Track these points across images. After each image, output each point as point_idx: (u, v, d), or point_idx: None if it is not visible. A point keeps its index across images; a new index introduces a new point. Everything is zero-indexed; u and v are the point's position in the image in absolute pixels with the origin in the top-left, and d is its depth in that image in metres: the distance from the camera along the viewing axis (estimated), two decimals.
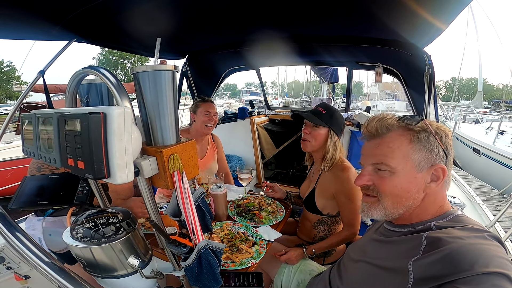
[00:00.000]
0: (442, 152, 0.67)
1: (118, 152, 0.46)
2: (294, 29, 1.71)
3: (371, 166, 0.73)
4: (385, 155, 0.69)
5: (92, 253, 0.64)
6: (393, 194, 0.69)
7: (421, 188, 0.68)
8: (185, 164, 0.66)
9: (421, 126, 0.68)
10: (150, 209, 0.69)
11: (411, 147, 0.67)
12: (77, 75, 0.64)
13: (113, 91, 0.55)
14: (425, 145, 0.67)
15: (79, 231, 0.67)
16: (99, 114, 0.45)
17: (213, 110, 1.87)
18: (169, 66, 0.60)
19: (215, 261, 0.75)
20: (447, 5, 1.13)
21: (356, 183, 0.76)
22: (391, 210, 0.70)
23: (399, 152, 0.68)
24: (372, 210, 0.73)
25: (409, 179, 0.67)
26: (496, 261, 0.52)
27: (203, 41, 2.06)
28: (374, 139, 0.73)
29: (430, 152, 0.67)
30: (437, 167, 0.66)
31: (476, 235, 0.59)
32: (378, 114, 0.76)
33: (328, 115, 1.35)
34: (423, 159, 0.67)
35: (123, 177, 0.49)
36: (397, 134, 0.69)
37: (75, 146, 0.50)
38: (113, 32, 1.51)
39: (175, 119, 0.65)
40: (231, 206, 1.49)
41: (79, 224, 0.69)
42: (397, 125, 0.70)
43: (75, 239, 0.65)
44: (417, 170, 0.67)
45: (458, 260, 0.54)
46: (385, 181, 0.69)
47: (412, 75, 1.99)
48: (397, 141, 0.68)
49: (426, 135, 0.67)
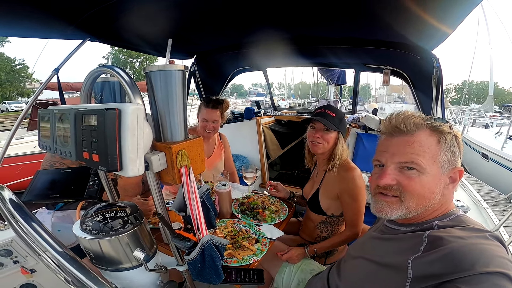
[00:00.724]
0: (459, 154, 0.69)
1: (131, 146, 0.49)
2: (301, 30, 1.72)
3: (395, 165, 0.69)
4: (417, 154, 0.66)
5: (100, 245, 0.67)
6: (420, 195, 0.67)
7: (442, 189, 0.68)
8: (192, 160, 0.68)
9: (447, 128, 0.69)
10: (158, 202, 0.72)
11: (439, 148, 0.67)
12: (93, 73, 0.68)
13: (127, 89, 0.58)
14: (450, 147, 0.68)
15: (89, 223, 0.70)
16: (115, 110, 0.48)
17: (212, 117, 1.80)
18: (179, 66, 0.63)
19: (217, 256, 0.77)
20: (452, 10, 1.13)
21: (380, 183, 0.71)
22: (411, 211, 0.68)
23: (429, 152, 0.67)
24: (391, 210, 0.70)
25: (435, 180, 0.67)
26: (497, 261, 0.52)
27: (211, 42, 2.09)
28: (402, 136, 0.69)
29: (453, 154, 0.68)
30: (456, 170, 0.68)
31: (477, 235, 0.59)
32: (401, 111, 0.74)
33: (338, 118, 1.36)
34: (448, 161, 0.68)
35: (135, 170, 0.52)
36: (426, 133, 0.68)
37: (91, 140, 0.53)
38: (125, 32, 1.55)
39: (183, 116, 0.68)
40: (235, 204, 1.51)
41: (89, 217, 0.73)
42: (425, 124, 0.69)
43: (84, 231, 0.68)
44: (441, 172, 0.67)
45: (458, 259, 0.54)
46: (414, 181, 0.67)
47: (419, 77, 1.98)
48: (428, 141, 0.68)
49: (451, 137, 0.69)
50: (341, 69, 6.88)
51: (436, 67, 1.66)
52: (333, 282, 0.90)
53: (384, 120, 0.76)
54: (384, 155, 0.72)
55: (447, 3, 1.09)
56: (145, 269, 0.71)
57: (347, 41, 1.84)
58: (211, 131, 1.85)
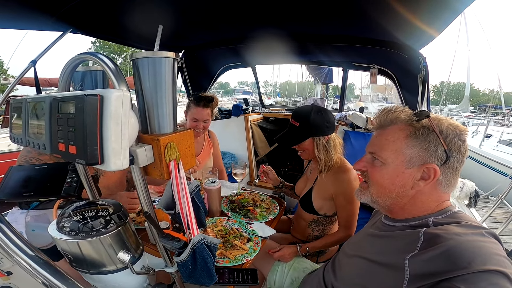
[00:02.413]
0: (443, 152, 0.64)
1: (114, 135, 0.44)
2: (292, 27, 1.70)
3: (369, 155, 0.75)
4: (380, 146, 0.71)
5: (80, 247, 0.61)
6: (378, 184, 0.72)
7: (408, 183, 0.67)
8: (182, 154, 0.64)
9: (424, 123, 0.66)
10: (144, 200, 0.67)
11: (405, 142, 0.67)
12: (74, 60, 0.62)
13: (111, 76, 0.53)
14: (421, 142, 0.65)
15: (66, 224, 0.64)
16: (96, 96, 0.43)
17: (203, 117, 1.72)
18: (169, 53, 0.59)
19: (210, 257, 0.73)
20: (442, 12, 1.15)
21: (354, 166, 0.80)
22: (376, 198, 0.73)
23: (393, 145, 0.68)
24: (361, 194, 0.77)
25: (396, 173, 0.68)
26: (494, 259, 0.51)
27: (200, 36, 2.03)
28: (378, 130, 0.75)
29: (425, 150, 0.65)
30: (428, 166, 0.65)
31: (474, 232, 0.58)
32: (390, 106, 0.76)
33: (303, 125, 1.26)
34: (416, 155, 0.66)
35: (118, 164, 0.47)
36: (398, 128, 0.69)
37: (68, 129, 0.47)
38: (110, 23, 1.47)
39: (173, 107, 0.63)
40: (224, 202, 1.47)
41: (66, 216, 0.66)
42: (401, 119, 0.70)
43: (61, 232, 0.62)
44: (406, 166, 0.67)
45: (455, 257, 0.53)
46: (375, 170, 0.72)
47: (406, 76, 2.01)
48: (395, 135, 0.69)
49: (426, 132, 0.65)
50: (329, 67, 6.97)
51: (423, 66, 1.69)
52: (329, 281, 0.88)
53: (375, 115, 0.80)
54: (367, 146, 0.79)
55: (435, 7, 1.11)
56: (131, 272, 0.66)
57: (337, 38, 1.83)
58: (201, 131, 1.77)
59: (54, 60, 5.35)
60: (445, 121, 0.67)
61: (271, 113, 3.30)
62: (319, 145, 1.27)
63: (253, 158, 2.93)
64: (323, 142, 1.28)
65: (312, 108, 1.27)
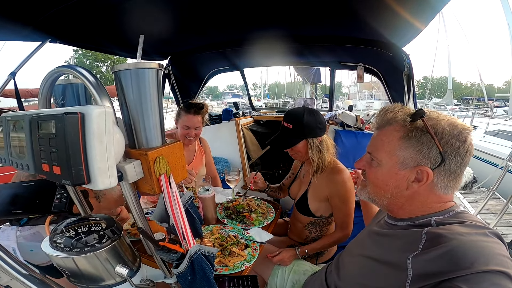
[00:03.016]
0: (437, 154, 0.62)
1: (99, 155, 0.42)
2: (279, 29, 1.70)
3: (368, 154, 0.76)
4: (377, 147, 0.72)
5: (75, 262, 0.59)
6: (374, 183, 0.74)
7: (402, 184, 0.67)
8: (172, 166, 0.62)
9: (419, 123, 0.64)
10: (137, 215, 0.65)
11: (398, 144, 0.66)
12: (51, 74, 0.59)
13: (92, 91, 0.51)
14: (413, 144, 0.64)
15: (59, 240, 0.62)
16: (76, 114, 0.41)
17: (194, 124, 1.68)
18: (153, 63, 0.57)
19: (208, 267, 0.72)
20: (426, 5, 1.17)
21: (355, 165, 0.81)
22: (373, 197, 0.75)
23: (388, 146, 0.68)
24: (361, 192, 0.79)
25: (389, 174, 0.68)
26: (497, 259, 0.51)
27: (186, 42, 2.01)
28: (376, 130, 0.75)
29: (418, 152, 0.63)
30: (421, 169, 0.63)
31: (477, 231, 0.58)
32: (388, 106, 0.74)
33: (296, 127, 1.25)
34: (409, 157, 0.65)
35: (106, 182, 0.45)
36: (393, 128, 0.68)
37: (50, 150, 0.45)
38: (91, 32, 1.43)
39: (160, 120, 0.61)
40: (220, 209, 1.45)
41: (59, 233, 0.65)
42: (397, 119, 0.68)
43: (55, 248, 0.60)
44: (399, 167, 0.66)
45: (458, 257, 0.53)
46: (372, 170, 0.73)
47: (391, 74, 2.05)
48: (390, 136, 0.68)
49: (419, 134, 0.63)
50: (317, 67, 7.04)
51: (407, 63, 1.73)
52: (332, 281, 0.88)
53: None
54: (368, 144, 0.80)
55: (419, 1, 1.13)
56: (131, 285, 0.64)
57: (325, 39, 1.85)
58: (193, 138, 1.73)
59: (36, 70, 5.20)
60: (444, 120, 0.64)
61: (261, 116, 3.30)
62: (312, 146, 1.27)
63: (246, 162, 2.92)
64: (317, 143, 1.28)
65: (304, 110, 1.27)
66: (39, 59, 1.32)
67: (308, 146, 1.28)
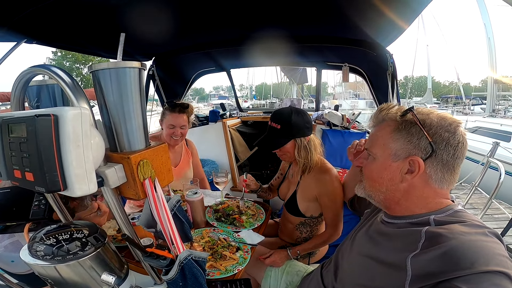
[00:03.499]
0: (427, 144, 0.63)
1: (76, 160, 0.39)
2: (265, 29, 1.69)
3: (365, 151, 0.78)
4: (372, 142, 0.74)
5: (58, 271, 0.56)
6: (369, 178, 0.75)
7: (396, 177, 0.68)
8: (158, 170, 0.60)
9: (407, 117, 0.67)
10: (121, 221, 0.62)
11: (390, 137, 0.68)
12: (24, 75, 0.55)
13: (68, 92, 0.47)
14: (403, 135, 0.66)
15: (39, 248, 0.58)
16: (49, 116, 0.38)
17: (180, 122, 1.66)
18: (134, 63, 0.54)
19: (200, 272, 0.69)
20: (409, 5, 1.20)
21: (354, 163, 0.84)
22: (369, 192, 0.76)
23: (381, 140, 0.71)
24: (358, 188, 0.80)
25: (383, 166, 0.70)
26: (497, 259, 0.50)
27: (171, 42, 1.96)
28: (372, 128, 0.78)
29: (408, 142, 0.66)
30: (412, 159, 0.64)
31: (477, 231, 0.57)
32: (384, 104, 0.76)
33: (284, 127, 1.24)
34: (400, 148, 0.67)
35: (84, 189, 0.42)
36: (386, 124, 0.72)
37: (21, 155, 0.42)
38: (69, 32, 1.37)
39: (143, 121, 0.58)
40: (209, 212, 1.42)
41: (38, 241, 0.60)
42: (389, 115, 0.72)
43: (35, 257, 0.56)
44: (392, 159, 0.68)
45: (457, 257, 0.52)
46: (367, 165, 0.75)
47: (376, 73, 2.09)
48: (383, 130, 0.71)
49: (408, 125, 0.66)
50: (303, 67, 7.11)
51: (391, 63, 1.76)
52: (329, 282, 0.87)
53: None
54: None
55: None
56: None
57: (311, 39, 1.86)
58: (179, 138, 1.70)
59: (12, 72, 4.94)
60: (434, 114, 0.67)
61: (249, 117, 3.29)
62: (300, 146, 1.26)
63: (234, 164, 2.89)
64: (305, 143, 1.27)
65: (291, 110, 1.26)
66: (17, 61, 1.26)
67: (295, 146, 1.27)
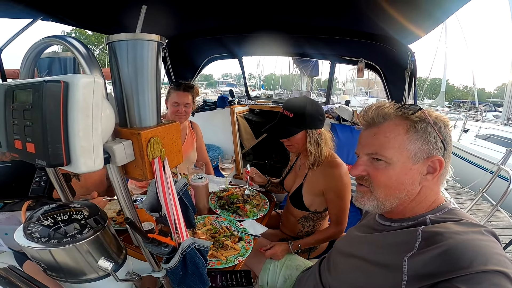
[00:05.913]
0: (440, 143, 0.64)
1: (83, 131, 0.36)
2: (281, 18, 1.63)
3: (366, 156, 0.70)
4: (382, 145, 0.66)
5: (53, 255, 0.53)
6: (387, 186, 0.66)
7: (416, 180, 0.65)
8: (168, 150, 0.56)
9: (419, 115, 0.64)
10: (124, 203, 0.59)
11: (407, 137, 0.64)
12: (38, 45, 0.51)
13: (82, 63, 0.44)
14: (422, 135, 0.63)
15: (35, 229, 0.56)
16: (59, 82, 0.34)
17: (184, 100, 1.67)
18: (154, 36, 0.50)
19: (201, 261, 0.67)
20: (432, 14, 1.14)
21: (351, 173, 0.73)
22: (383, 202, 0.68)
23: (395, 142, 0.64)
24: (365, 200, 0.71)
25: (404, 171, 0.64)
26: (495, 259, 0.50)
27: (184, 26, 1.91)
28: (371, 128, 0.70)
29: (427, 142, 0.63)
30: (434, 159, 0.63)
31: (473, 230, 0.57)
32: (375, 103, 0.73)
33: (297, 116, 1.20)
34: (420, 150, 0.63)
35: (89, 164, 0.39)
36: (393, 123, 0.66)
37: (24, 123, 0.38)
38: (86, 9, 1.33)
39: (156, 97, 0.55)
40: (212, 199, 1.40)
41: (35, 221, 0.58)
42: (394, 114, 0.67)
43: (29, 239, 0.53)
44: (412, 162, 0.64)
45: (455, 257, 0.51)
46: (380, 173, 0.66)
47: (393, 70, 2.01)
48: (394, 131, 0.65)
49: (424, 125, 0.64)
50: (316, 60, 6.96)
51: (411, 61, 1.69)
52: (326, 281, 0.85)
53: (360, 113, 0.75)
54: (358, 147, 0.74)
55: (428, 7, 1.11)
56: (115, 280, 0.59)
57: (327, 31, 1.79)
58: (183, 116, 1.71)
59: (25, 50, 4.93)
60: (432, 113, 0.67)
61: (257, 105, 3.24)
62: (311, 138, 1.22)
63: (239, 151, 2.87)
64: (315, 135, 1.23)
65: (307, 100, 1.22)
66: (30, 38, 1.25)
67: (307, 137, 1.23)
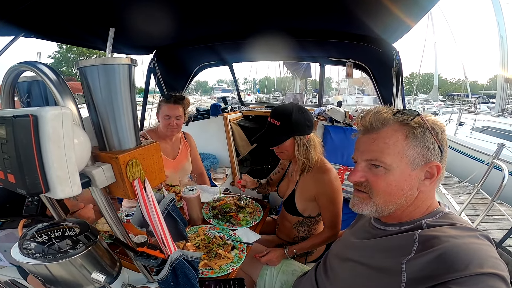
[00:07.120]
0: (438, 148, 0.64)
1: (57, 161, 0.38)
2: (268, 23, 1.65)
3: (364, 162, 0.69)
4: (381, 152, 0.65)
5: (49, 269, 0.56)
6: (386, 192, 0.66)
7: (415, 185, 0.65)
8: (148, 170, 0.58)
9: (417, 121, 0.65)
10: (111, 221, 0.61)
11: (406, 143, 0.64)
12: (12, 71, 0.54)
13: (52, 90, 0.46)
14: (420, 141, 0.63)
15: (30, 246, 0.58)
16: (27, 117, 0.36)
17: (175, 113, 1.68)
18: (124, 59, 0.52)
19: (192, 272, 0.69)
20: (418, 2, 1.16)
21: (349, 179, 0.72)
22: (382, 207, 0.68)
23: (395, 148, 0.64)
24: (363, 206, 0.71)
25: (403, 177, 0.64)
26: (491, 262, 0.51)
27: (172, 35, 1.93)
28: (369, 134, 0.69)
29: (426, 148, 0.63)
30: (432, 164, 0.64)
31: (469, 234, 0.58)
32: (373, 108, 0.72)
33: (284, 124, 1.20)
34: (418, 156, 0.64)
35: (66, 191, 0.40)
36: (392, 129, 0.66)
37: (3, 156, 0.40)
38: (68, 25, 1.34)
39: (133, 120, 0.57)
40: (206, 209, 1.41)
41: (29, 238, 0.60)
42: (392, 119, 0.66)
43: (25, 255, 0.56)
44: (411, 168, 0.64)
45: (452, 260, 0.52)
46: (379, 179, 0.66)
47: (381, 70, 2.04)
48: (393, 137, 0.65)
49: (422, 131, 0.64)
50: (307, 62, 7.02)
51: (396, 60, 1.72)
52: (323, 285, 0.86)
53: (357, 118, 0.76)
54: (356, 153, 0.73)
55: None
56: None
57: (315, 33, 1.82)
58: (175, 128, 1.72)
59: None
60: (430, 118, 0.67)
61: (250, 111, 3.26)
62: (299, 145, 1.22)
63: (235, 158, 2.88)
64: (304, 142, 1.23)
65: (293, 107, 1.22)
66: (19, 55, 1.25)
67: (295, 144, 1.24)
